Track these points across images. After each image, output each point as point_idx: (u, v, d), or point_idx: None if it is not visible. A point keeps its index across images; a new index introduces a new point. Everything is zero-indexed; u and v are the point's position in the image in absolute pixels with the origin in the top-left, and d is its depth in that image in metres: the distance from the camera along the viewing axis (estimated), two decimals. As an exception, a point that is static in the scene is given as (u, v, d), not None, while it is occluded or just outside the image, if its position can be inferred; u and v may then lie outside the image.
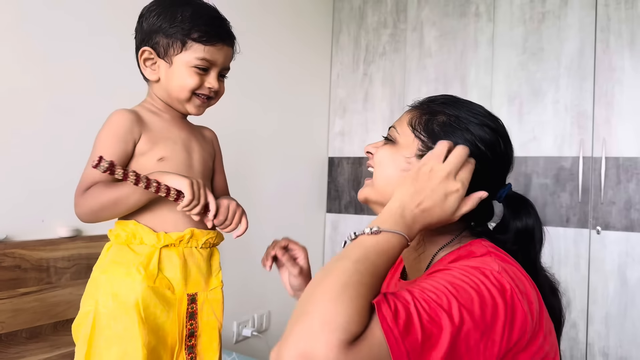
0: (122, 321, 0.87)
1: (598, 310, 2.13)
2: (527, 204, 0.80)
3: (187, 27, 0.91)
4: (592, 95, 2.17)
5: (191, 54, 0.91)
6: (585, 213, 2.16)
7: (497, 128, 0.80)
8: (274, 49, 2.36)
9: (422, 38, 2.53)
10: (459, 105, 0.81)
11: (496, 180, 0.80)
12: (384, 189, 0.80)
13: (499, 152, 0.79)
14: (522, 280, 0.69)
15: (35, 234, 1.39)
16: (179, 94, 0.94)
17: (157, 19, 0.92)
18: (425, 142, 0.78)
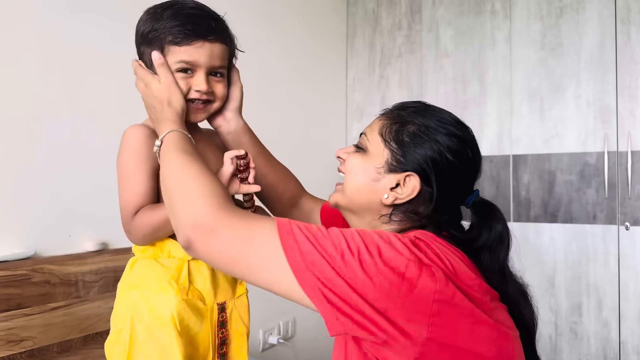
0: (160, 336, 0.87)
1: (630, 308, 2.08)
2: (495, 210, 0.83)
3: (162, 31, 0.86)
4: (615, 89, 2.12)
5: (170, 59, 0.87)
6: (612, 209, 2.12)
7: (465, 137, 0.83)
8: (289, 56, 2.37)
9: (438, 38, 2.51)
10: (428, 114, 0.84)
11: (464, 187, 0.84)
12: (353, 196, 0.85)
13: (466, 160, 0.82)
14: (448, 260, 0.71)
15: (62, 249, 1.41)
16: None
17: (142, 27, 0.90)
18: (394, 153, 0.81)
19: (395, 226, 0.83)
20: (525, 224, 2.27)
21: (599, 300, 2.14)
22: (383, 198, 0.81)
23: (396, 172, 0.81)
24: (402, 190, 0.81)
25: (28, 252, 1.32)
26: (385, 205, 0.82)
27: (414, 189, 0.80)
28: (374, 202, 0.83)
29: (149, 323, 0.87)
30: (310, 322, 2.34)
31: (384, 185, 0.82)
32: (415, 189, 0.80)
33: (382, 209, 0.83)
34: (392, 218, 0.83)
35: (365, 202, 0.84)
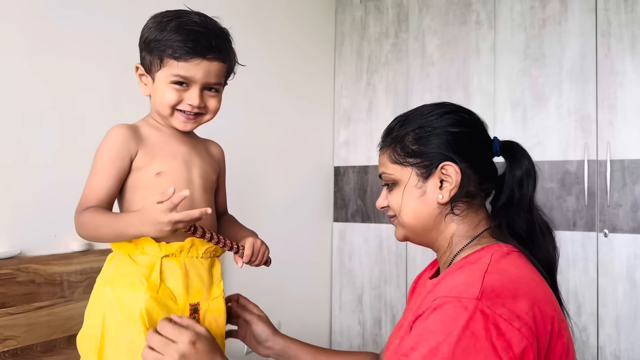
0: (130, 332, 0.88)
1: (608, 313, 2.12)
2: (517, 147, 0.89)
3: (164, 43, 0.89)
4: (595, 99, 2.18)
5: (167, 71, 0.90)
6: (592, 216, 2.17)
7: (452, 108, 0.89)
8: (277, 62, 2.39)
9: (424, 47, 2.56)
10: (411, 118, 0.89)
11: (484, 142, 0.89)
12: (415, 222, 0.88)
13: (468, 122, 0.88)
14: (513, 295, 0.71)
15: (48, 249, 1.41)
16: (161, 110, 0.93)
17: (147, 33, 0.92)
18: (416, 164, 0.86)
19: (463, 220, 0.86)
20: (507, 230, 2.31)
21: (578, 306, 2.18)
22: (439, 199, 0.85)
23: (431, 174, 0.85)
24: (448, 182, 0.84)
25: (13, 251, 1.32)
26: (444, 205, 0.85)
27: (456, 172, 0.83)
28: (434, 211, 0.86)
29: (120, 319, 0.88)
30: (296, 326, 2.35)
31: (432, 191, 0.85)
32: (457, 172, 0.83)
33: (443, 210, 0.86)
34: (455, 212, 0.86)
35: (427, 217, 0.87)
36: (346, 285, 2.74)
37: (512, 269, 0.76)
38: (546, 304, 0.74)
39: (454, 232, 0.86)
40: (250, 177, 2.18)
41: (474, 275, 0.73)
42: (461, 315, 0.68)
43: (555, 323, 0.74)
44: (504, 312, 0.68)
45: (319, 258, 2.73)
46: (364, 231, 2.69)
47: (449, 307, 0.70)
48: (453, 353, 0.66)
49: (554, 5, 2.27)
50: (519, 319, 0.68)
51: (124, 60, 1.59)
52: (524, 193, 0.85)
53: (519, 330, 0.67)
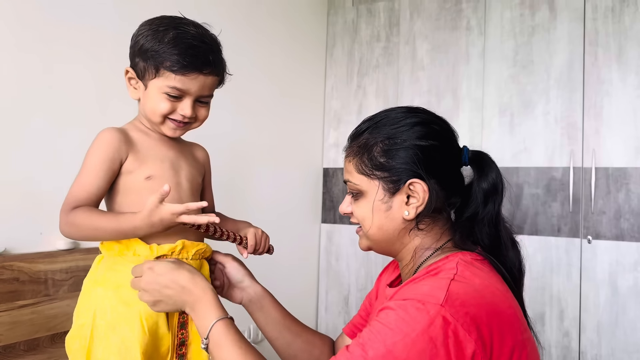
0: (121, 332, 0.88)
1: (590, 319, 2.15)
2: (486, 158, 0.88)
3: (162, 55, 0.90)
4: (582, 107, 2.21)
5: (163, 81, 0.91)
6: (576, 223, 2.20)
7: (423, 119, 0.86)
8: (269, 62, 2.40)
9: (415, 51, 2.57)
10: (380, 125, 0.87)
11: (454, 152, 0.88)
12: (379, 235, 0.87)
13: (439, 134, 0.86)
14: (477, 304, 0.72)
15: (33, 247, 1.41)
16: (152, 117, 0.95)
17: (142, 40, 0.92)
18: (383, 178, 0.84)
19: (427, 234, 0.86)
20: (493, 234, 2.34)
21: (561, 311, 2.21)
22: (405, 216, 0.84)
23: (398, 190, 0.84)
24: (415, 199, 0.83)
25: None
26: (409, 221, 0.85)
27: (424, 190, 0.82)
28: (399, 226, 0.85)
29: (111, 320, 0.89)
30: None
31: (398, 207, 0.84)
32: (425, 190, 0.82)
33: (408, 225, 0.85)
34: (420, 227, 0.85)
35: (392, 231, 0.86)
36: (333, 287, 2.75)
37: (477, 279, 0.77)
38: (509, 316, 0.75)
39: (417, 245, 0.87)
40: (239, 177, 2.18)
41: (440, 283, 0.73)
42: (422, 318, 0.68)
43: (518, 335, 0.74)
44: (465, 321, 0.69)
45: (306, 259, 2.73)
46: (351, 233, 2.70)
47: (412, 308, 0.70)
48: (408, 354, 0.67)
49: (543, 14, 2.29)
50: (478, 331, 0.69)
51: (112, 61, 1.58)
52: (487, 210, 0.84)
53: (475, 342, 0.68)
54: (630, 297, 2.08)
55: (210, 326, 0.83)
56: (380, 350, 0.69)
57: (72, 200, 0.91)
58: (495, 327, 0.71)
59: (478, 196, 0.85)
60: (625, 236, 2.10)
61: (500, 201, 0.85)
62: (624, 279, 2.10)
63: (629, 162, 2.11)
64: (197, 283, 0.87)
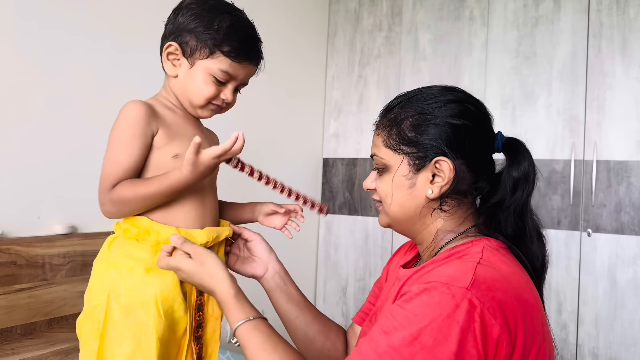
0: (136, 316, 0.87)
1: (588, 312, 2.15)
2: (520, 146, 0.84)
3: (221, 38, 0.90)
4: (584, 100, 2.19)
5: (215, 64, 0.91)
6: (576, 215, 2.19)
7: (458, 97, 0.83)
8: (269, 51, 2.36)
9: (417, 41, 2.55)
10: (413, 100, 0.84)
11: (487, 135, 0.84)
12: (401, 212, 0.85)
13: (473, 114, 0.82)
14: (504, 290, 0.70)
15: (30, 231, 1.40)
16: (195, 99, 0.94)
17: (194, 19, 0.91)
18: (410, 153, 0.81)
19: (450, 217, 0.84)
20: (493, 226, 2.33)
21: (559, 304, 2.21)
22: (428, 194, 0.81)
23: (424, 167, 0.81)
24: (441, 178, 0.80)
25: (-5, 232, 1.31)
26: (433, 200, 0.82)
27: (450, 169, 0.79)
28: (421, 204, 0.83)
29: (125, 303, 0.87)
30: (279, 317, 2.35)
31: (422, 185, 0.82)
32: (451, 169, 0.79)
33: (431, 205, 0.83)
34: (443, 208, 0.82)
35: (414, 209, 0.83)
36: (331, 277, 2.75)
37: (503, 265, 0.75)
38: (532, 306, 0.74)
39: (439, 228, 0.84)
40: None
41: (466, 266, 0.71)
42: (448, 303, 0.66)
43: (539, 326, 0.73)
44: (491, 305, 0.67)
45: (305, 249, 2.73)
46: (350, 223, 2.70)
47: (437, 292, 0.68)
48: (435, 339, 0.65)
49: (547, 5, 2.27)
50: (503, 316, 0.68)
51: (111, 49, 1.57)
52: (516, 197, 0.81)
53: (500, 327, 0.67)
54: (629, 290, 2.08)
55: (234, 329, 0.84)
56: (405, 337, 0.66)
57: (110, 178, 0.87)
58: (520, 314, 0.70)
59: (507, 183, 0.81)
60: (625, 229, 2.10)
61: (531, 191, 0.82)
62: (623, 273, 2.10)
63: (631, 156, 2.10)
64: (220, 284, 0.87)
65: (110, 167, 0.88)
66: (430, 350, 0.65)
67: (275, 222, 1.16)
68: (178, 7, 0.95)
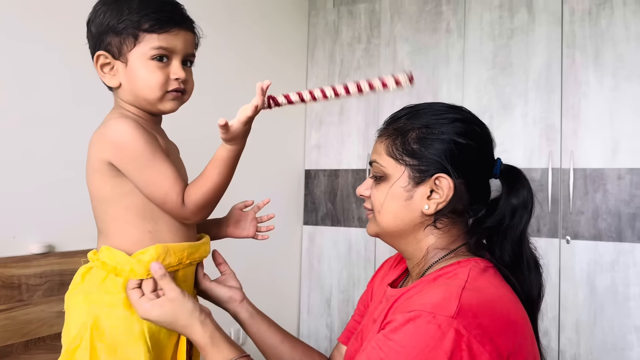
0: (125, 354, 0.82)
1: (569, 318, 2.18)
2: (519, 174, 0.84)
3: (136, 19, 0.83)
4: (560, 109, 2.23)
5: (146, 45, 0.84)
6: (555, 223, 2.22)
7: (465, 117, 0.84)
8: (250, 63, 2.38)
9: (395, 53, 2.58)
10: (421, 113, 0.84)
11: (487, 160, 0.84)
12: (393, 223, 0.83)
13: (478, 136, 0.83)
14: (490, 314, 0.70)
15: (6, 251, 1.37)
16: (148, 93, 0.86)
17: (104, 18, 0.85)
18: (412, 165, 0.81)
19: (443, 235, 0.83)
20: (473, 235, 2.35)
21: (541, 312, 2.22)
22: (424, 209, 0.80)
23: (424, 181, 0.80)
24: (439, 194, 0.80)
25: (-31, 253, 1.28)
26: (428, 216, 0.81)
27: (449, 187, 0.79)
28: (416, 219, 0.82)
29: (111, 341, 0.82)
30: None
31: (419, 199, 0.81)
32: (451, 187, 0.79)
33: (425, 220, 0.82)
34: (437, 225, 0.82)
35: (408, 222, 0.82)
36: (315, 289, 2.74)
37: (490, 287, 0.74)
38: (522, 326, 0.73)
39: (430, 245, 0.83)
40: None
41: (451, 292, 0.70)
42: (435, 333, 0.66)
43: (529, 346, 0.73)
44: (478, 333, 0.67)
45: (288, 261, 2.72)
46: (333, 235, 2.70)
47: (423, 322, 0.67)
48: None
49: (522, 16, 2.32)
50: (492, 343, 0.67)
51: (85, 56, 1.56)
52: (514, 223, 0.81)
53: (489, 354, 0.66)
54: (608, 296, 2.11)
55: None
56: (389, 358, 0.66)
57: (174, 197, 0.84)
58: (510, 337, 0.69)
59: (506, 210, 0.81)
60: (602, 236, 2.13)
61: (528, 219, 0.82)
62: (601, 279, 2.13)
63: (606, 163, 2.14)
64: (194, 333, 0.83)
65: (164, 188, 0.84)
66: None
67: (246, 229, 1.16)
68: (88, 20, 0.89)
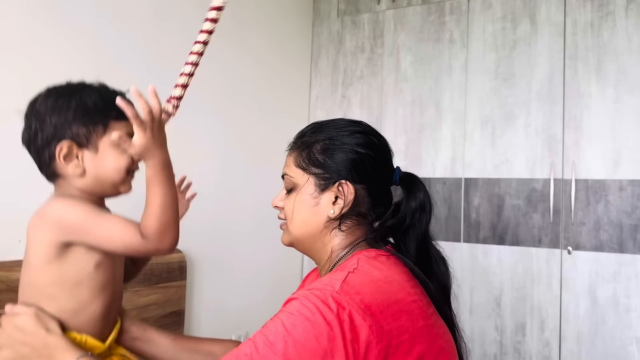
0: None
1: (570, 329, 2.17)
2: (416, 180, 0.93)
3: (105, 109, 0.87)
4: (562, 120, 2.24)
5: (118, 133, 0.85)
6: (556, 233, 2.22)
7: (364, 129, 0.93)
8: (253, 72, 2.40)
9: (399, 63, 2.60)
10: (325, 128, 0.94)
11: (386, 169, 0.93)
12: (303, 229, 0.92)
13: (376, 146, 0.92)
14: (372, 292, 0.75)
15: (11, 255, 1.38)
16: (116, 177, 0.88)
17: (67, 111, 0.87)
18: (317, 174, 0.89)
19: (347, 236, 0.90)
20: (475, 245, 2.36)
21: (542, 321, 2.23)
22: (330, 214, 0.89)
23: (328, 187, 0.89)
24: (342, 200, 0.88)
25: (-26, 257, 1.29)
26: (333, 220, 0.89)
27: (350, 192, 0.87)
28: (322, 223, 0.90)
29: None
30: None
31: (325, 204, 0.89)
32: (352, 191, 0.87)
33: (331, 224, 0.90)
34: (342, 228, 0.90)
35: (315, 227, 0.90)
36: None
37: (376, 271, 0.80)
38: (408, 304, 0.77)
39: (335, 245, 0.90)
40: (222, 186, 2.17)
41: (339, 275, 0.78)
42: (318, 305, 0.72)
43: (418, 322, 0.77)
44: (359, 307, 0.72)
45: (290, 265, 2.73)
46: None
47: (311, 295, 0.74)
48: (307, 336, 0.69)
49: (525, 27, 2.33)
50: (373, 317, 0.72)
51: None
52: (414, 223, 0.89)
53: (369, 328, 0.71)
54: (609, 307, 2.11)
55: None
56: (279, 332, 0.71)
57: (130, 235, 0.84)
58: (395, 313, 0.74)
59: (407, 212, 0.89)
60: (604, 247, 2.13)
61: (428, 220, 0.90)
62: (603, 290, 2.13)
63: (608, 174, 2.15)
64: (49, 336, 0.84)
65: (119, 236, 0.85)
66: (303, 345, 0.69)
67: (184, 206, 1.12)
68: (36, 113, 0.91)
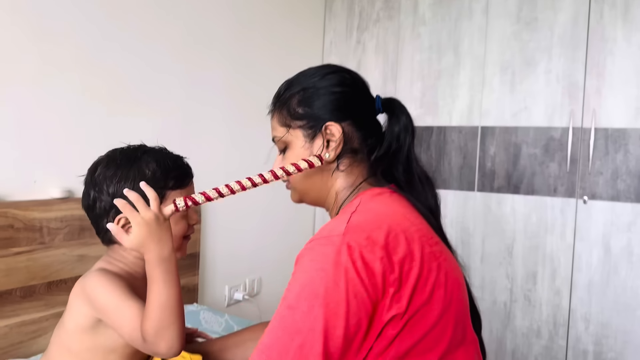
0: None
1: (582, 278, 2.18)
2: (396, 103, 0.94)
3: (162, 179, 0.91)
4: (584, 66, 2.17)
5: (169, 208, 0.85)
6: (572, 183, 2.19)
7: (334, 69, 0.93)
8: (265, 16, 2.33)
9: (417, 5, 2.51)
10: (296, 81, 0.94)
11: (366, 99, 0.93)
12: (308, 182, 0.92)
13: (350, 81, 0.92)
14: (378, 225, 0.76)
15: (27, 195, 1.40)
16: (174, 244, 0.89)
17: (125, 182, 0.89)
18: (303, 126, 0.90)
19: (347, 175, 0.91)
20: (489, 194, 2.34)
21: (553, 270, 2.23)
22: (326, 158, 0.89)
23: (316, 135, 0.89)
24: (334, 142, 0.88)
25: (-9, 195, 1.30)
26: (331, 163, 0.90)
27: (338, 131, 0.88)
28: (321, 168, 0.90)
29: None
30: (276, 282, 2.38)
31: (318, 151, 0.89)
32: (339, 130, 0.88)
33: (331, 167, 0.91)
34: (340, 168, 0.90)
35: (316, 175, 0.91)
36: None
37: (379, 207, 0.81)
38: (414, 232, 0.78)
39: (338, 187, 0.91)
40: (234, 138, 2.15)
41: (343, 217, 0.78)
42: (330, 251, 0.72)
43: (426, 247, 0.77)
44: (367, 243, 0.73)
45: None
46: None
47: (318, 246, 0.75)
48: (325, 286, 0.70)
49: (550, -32, 2.23)
50: (382, 250, 0.73)
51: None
52: (400, 145, 0.90)
53: (380, 260, 0.72)
54: (623, 257, 2.10)
55: None
56: (296, 289, 0.72)
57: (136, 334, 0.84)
58: (401, 243, 0.75)
59: (391, 137, 0.90)
60: (621, 197, 2.11)
61: (412, 140, 0.91)
62: (617, 240, 2.12)
63: (629, 123, 2.09)
64: None
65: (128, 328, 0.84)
66: (324, 297, 0.70)
67: None
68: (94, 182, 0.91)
